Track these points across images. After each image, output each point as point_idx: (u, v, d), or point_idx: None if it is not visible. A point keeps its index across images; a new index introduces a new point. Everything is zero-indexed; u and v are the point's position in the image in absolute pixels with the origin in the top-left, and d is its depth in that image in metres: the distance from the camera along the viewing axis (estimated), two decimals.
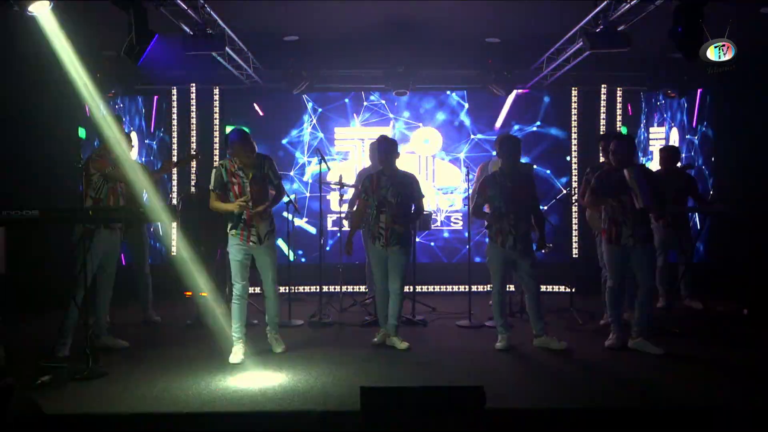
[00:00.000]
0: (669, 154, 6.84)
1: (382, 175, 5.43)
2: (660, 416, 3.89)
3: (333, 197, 7.86)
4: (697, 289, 6.85)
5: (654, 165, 7.89)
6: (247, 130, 5.19)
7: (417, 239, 7.03)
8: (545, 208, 7.51)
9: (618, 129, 8.15)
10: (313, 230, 8.21)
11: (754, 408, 3.96)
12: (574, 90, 8.31)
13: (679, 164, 6.87)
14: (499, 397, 3.98)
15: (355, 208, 5.95)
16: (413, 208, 5.48)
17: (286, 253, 7.20)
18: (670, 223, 6.58)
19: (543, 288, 7.73)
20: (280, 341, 5.28)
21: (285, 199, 5.78)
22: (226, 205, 4.97)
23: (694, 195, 6.83)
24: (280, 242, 7.17)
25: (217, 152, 8.25)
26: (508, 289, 6.59)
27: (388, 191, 5.36)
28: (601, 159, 6.48)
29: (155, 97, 8.45)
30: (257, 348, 5.22)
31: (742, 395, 4.13)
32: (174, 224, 7.38)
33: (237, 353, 4.97)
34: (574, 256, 8.15)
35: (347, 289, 7.13)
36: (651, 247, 5.22)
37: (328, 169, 6.67)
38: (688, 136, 8.53)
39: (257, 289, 6.41)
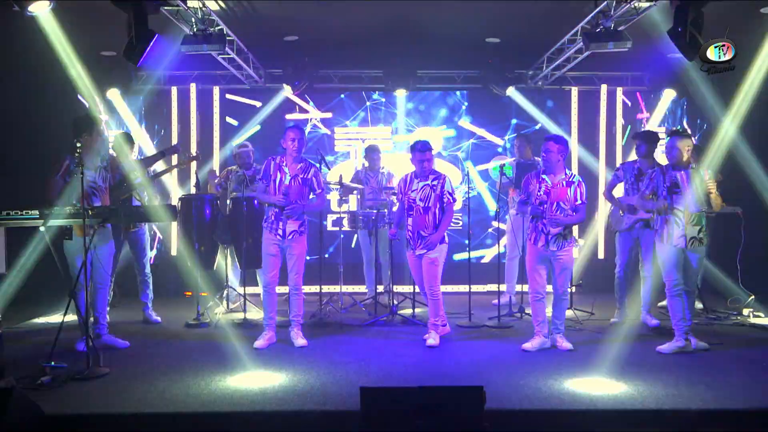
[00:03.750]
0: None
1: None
2: (660, 416, 3.89)
3: (333, 197, 7.85)
4: (696, 289, 6.83)
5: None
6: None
7: None
8: None
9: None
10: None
11: (754, 408, 3.96)
12: (574, 90, 8.32)
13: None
14: (499, 397, 3.98)
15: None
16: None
17: None
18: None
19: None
20: (299, 336, 5.42)
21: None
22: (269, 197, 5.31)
23: None
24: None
25: (217, 152, 8.25)
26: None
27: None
28: (632, 157, 6.43)
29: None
30: (257, 348, 5.25)
31: (742, 395, 4.13)
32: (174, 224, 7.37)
33: (261, 339, 5.32)
34: (574, 255, 8.14)
35: (347, 289, 7.12)
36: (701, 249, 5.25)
37: (328, 169, 6.66)
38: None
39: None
